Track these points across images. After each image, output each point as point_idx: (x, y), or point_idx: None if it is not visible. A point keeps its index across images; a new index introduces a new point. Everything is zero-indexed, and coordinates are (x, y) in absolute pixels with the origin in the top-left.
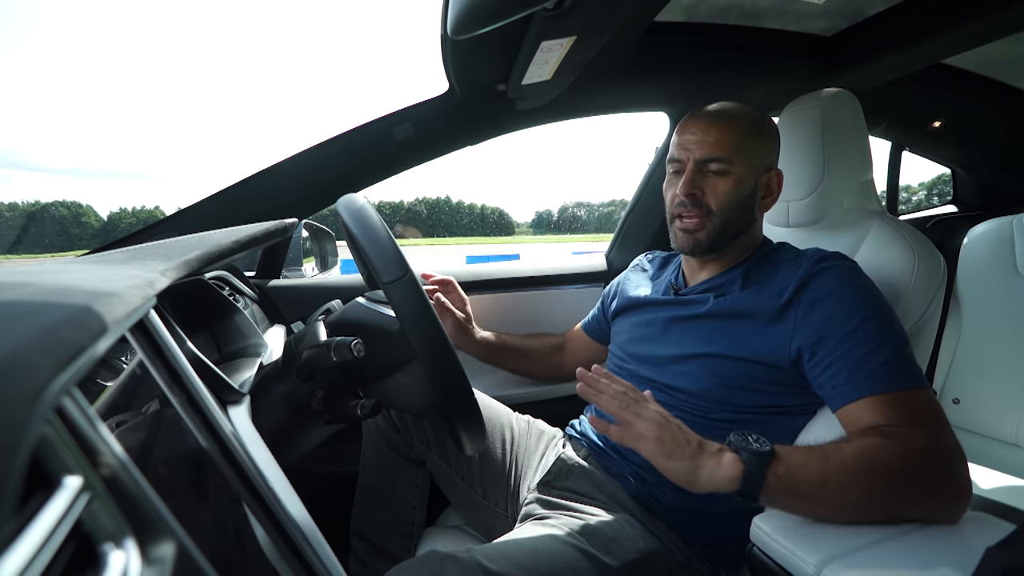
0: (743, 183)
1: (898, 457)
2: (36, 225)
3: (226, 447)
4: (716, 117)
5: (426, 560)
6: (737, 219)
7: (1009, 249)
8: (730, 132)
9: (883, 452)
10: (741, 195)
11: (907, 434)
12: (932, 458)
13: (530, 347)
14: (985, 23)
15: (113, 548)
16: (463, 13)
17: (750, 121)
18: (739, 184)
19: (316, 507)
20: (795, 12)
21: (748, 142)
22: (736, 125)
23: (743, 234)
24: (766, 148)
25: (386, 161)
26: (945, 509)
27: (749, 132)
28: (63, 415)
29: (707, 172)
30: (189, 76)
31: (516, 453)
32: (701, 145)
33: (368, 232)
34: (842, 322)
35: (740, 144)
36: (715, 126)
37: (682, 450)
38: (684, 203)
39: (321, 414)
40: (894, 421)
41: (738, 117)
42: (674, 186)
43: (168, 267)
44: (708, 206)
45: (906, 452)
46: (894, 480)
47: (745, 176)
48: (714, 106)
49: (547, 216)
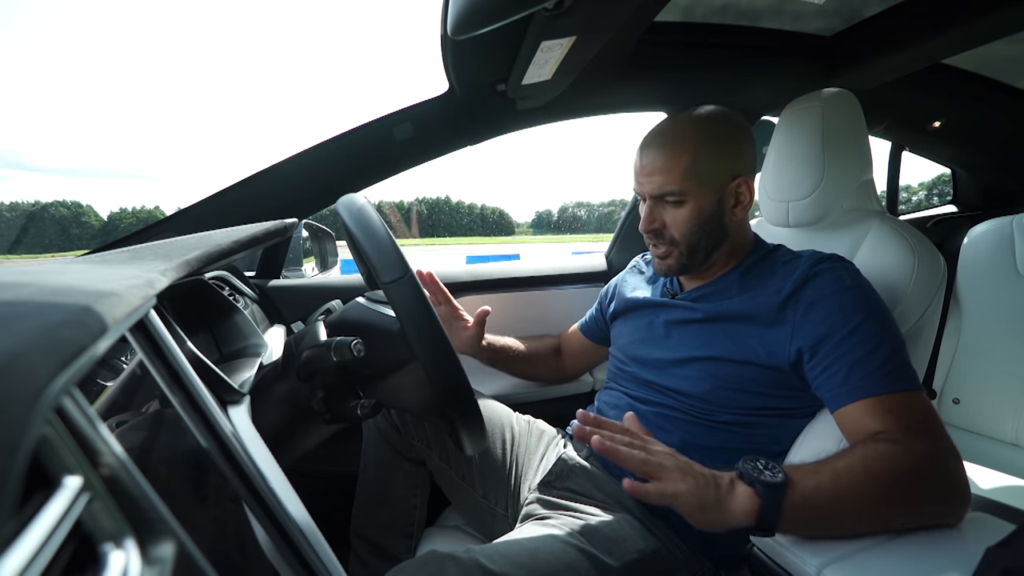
0: (703, 207)
1: (903, 467)
2: (36, 225)
3: (226, 447)
4: (665, 144)
5: (426, 560)
6: (705, 241)
7: (1009, 249)
8: (679, 159)
9: (889, 464)
10: (703, 219)
11: (908, 442)
12: (934, 464)
13: (530, 351)
14: (985, 23)
15: (113, 548)
16: (463, 13)
17: (703, 137)
18: (698, 210)
19: (316, 507)
20: (792, 12)
21: (701, 164)
22: (685, 149)
23: (718, 248)
24: (727, 160)
25: (386, 161)
26: (947, 512)
27: (702, 151)
28: (63, 415)
29: (665, 203)
30: (189, 76)
31: (516, 453)
32: (651, 180)
33: (368, 232)
34: (840, 324)
35: (691, 169)
36: (663, 155)
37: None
38: (649, 235)
39: (321, 414)
40: (893, 427)
41: (687, 138)
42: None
43: (168, 267)
44: (671, 236)
45: (910, 462)
46: (901, 491)
47: (704, 199)
48: (662, 128)
49: (547, 216)
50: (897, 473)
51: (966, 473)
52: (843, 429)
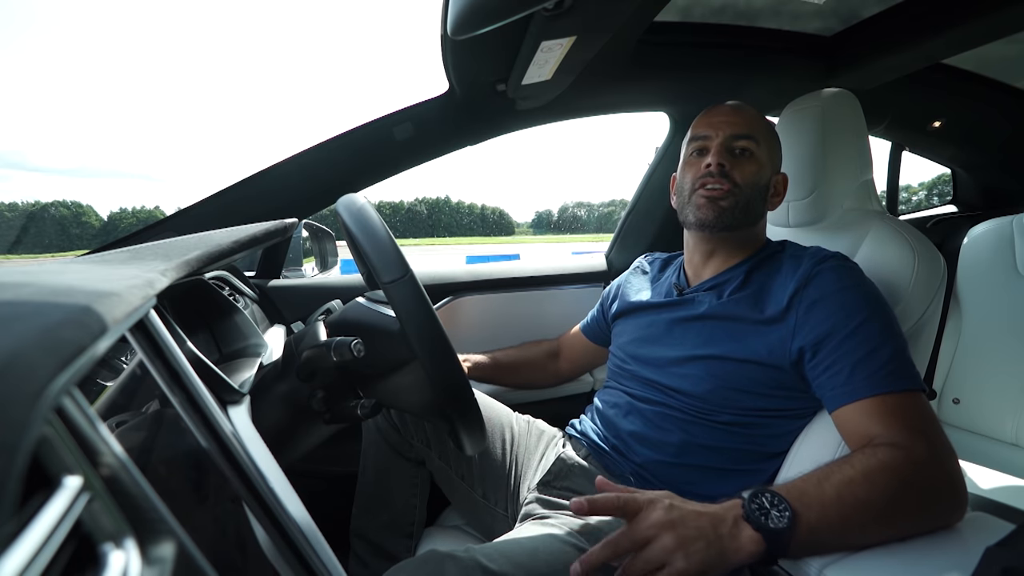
0: (763, 171)
1: (906, 477)
2: (36, 225)
3: (226, 447)
4: (741, 107)
5: (426, 560)
6: (756, 203)
7: (1009, 249)
8: (755, 120)
9: (893, 476)
10: (762, 181)
11: (909, 447)
12: (935, 468)
13: (525, 360)
14: (985, 23)
15: (113, 548)
16: (463, 13)
17: (767, 122)
18: (761, 169)
19: (316, 507)
20: (791, 12)
21: (767, 137)
22: (759, 117)
23: (753, 225)
24: (778, 150)
25: (386, 161)
26: (948, 514)
27: (768, 130)
28: (63, 415)
29: (734, 152)
30: (189, 76)
31: (516, 453)
32: (731, 124)
33: (368, 232)
34: (843, 323)
35: (762, 135)
36: (743, 111)
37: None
38: (712, 174)
39: (321, 414)
40: (893, 429)
41: (759, 114)
42: (694, 166)
43: (168, 267)
44: (735, 179)
45: (911, 471)
46: (906, 503)
47: (765, 165)
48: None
49: (547, 216)
50: (902, 485)
51: (963, 472)
52: (842, 430)
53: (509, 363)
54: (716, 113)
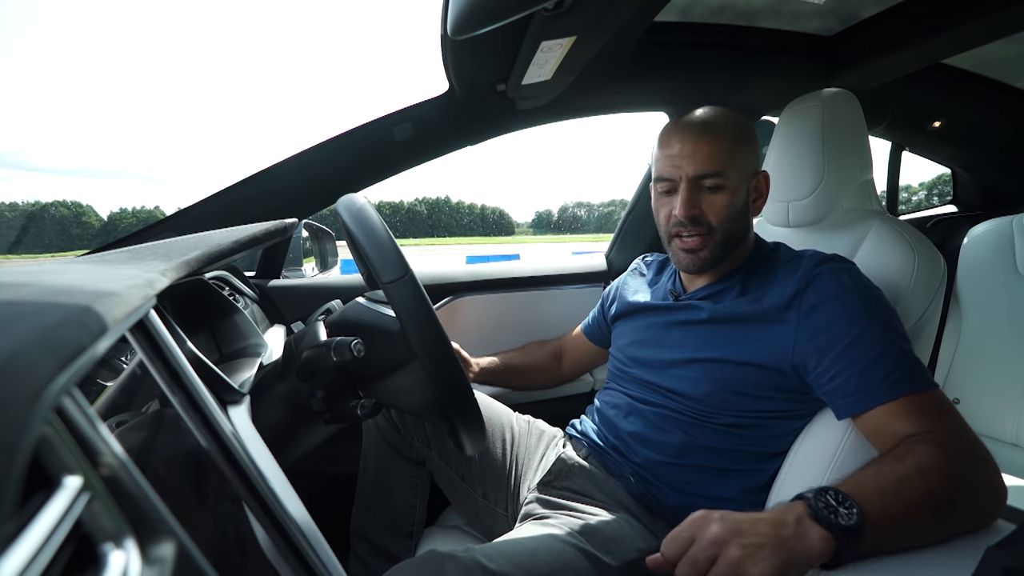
0: (738, 194)
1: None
2: (36, 225)
3: (226, 447)
4: (703, 129)
5: (426, 560)
6: (737, 231)
7: (1009, 249)
8: (719, 143)
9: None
10: (737, 207)
11: (946, 441)
12: (975, 461)
13: (532, 363)
14: (985, 23)
15: (113, 548)
16: (463, 13)
17: (735, 128)
18: (735, 196)
19: (316, 507)
20: (790, 13)
21: (739, 152)
22: (723, 135)
23: (742, 242)
24: (751, 153)
25: (386, 161)
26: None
27: (737, 140)
28: (63, 415)
29: (702, 188)
30: (189, 76)
31: (516, 453)
32: (692, 161)
33: (368, 232)
34: (845, 328)
35: (731, 154)
36: (704, 139)
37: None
38: (683, 223)
39: (321, 414)
40: (926, 428)
41: (724, 126)
42: (667, 205)
43: (168, 267)
44: (709, 223)
45: (955, 463)
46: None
47: (739, 186)
48: (698, 115)
49: (547, 216)
50: (953, 479)
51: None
52: (869, 435)
53: (517, 366)
54: (676, 143)
